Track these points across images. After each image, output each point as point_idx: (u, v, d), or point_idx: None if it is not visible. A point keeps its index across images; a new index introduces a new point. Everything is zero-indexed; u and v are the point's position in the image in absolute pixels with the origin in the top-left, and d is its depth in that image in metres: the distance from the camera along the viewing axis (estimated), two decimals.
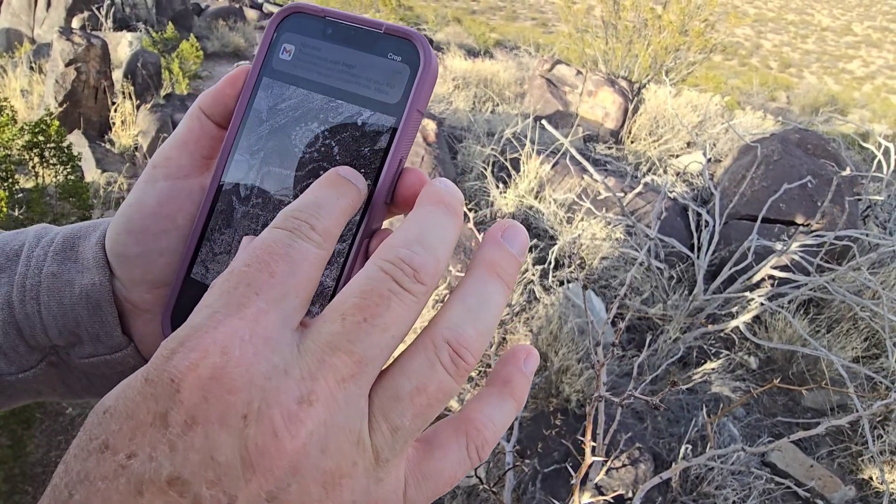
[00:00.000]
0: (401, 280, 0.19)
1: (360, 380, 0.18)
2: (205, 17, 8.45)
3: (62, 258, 0.31)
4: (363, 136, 0.25)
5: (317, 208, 0.21)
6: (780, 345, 1.78)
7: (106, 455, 0.16)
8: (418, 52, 0.24)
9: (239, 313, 0.18)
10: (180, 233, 0.28)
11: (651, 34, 5.86)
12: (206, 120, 0.28)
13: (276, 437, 0.16)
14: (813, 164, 2.83)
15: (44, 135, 2.71)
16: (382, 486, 0.19)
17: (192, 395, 0.16)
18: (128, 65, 4.96)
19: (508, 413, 0.22)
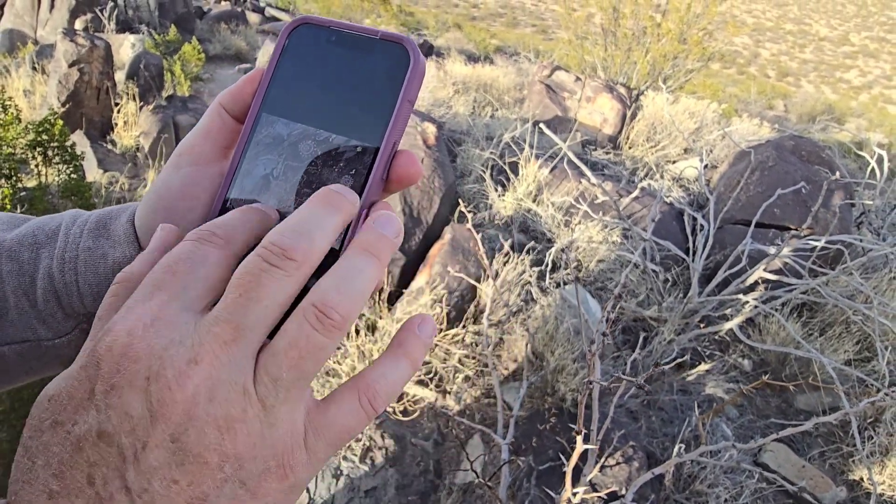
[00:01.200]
0: (269, 259, 0.23)
1: (241, 342, 0.22)
2: (207, 20, 8.50)
3: (96, 234, 0.34)
4: (362, 123, 0.29)
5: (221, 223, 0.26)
6: (772, 346, 1.81)
7: (57, 429, 0.20)
8: (408, 54, 0.28)
9: (145, 304, 0.22)
10: (201, 212, 0.31)
11: (650, 42, 5.92)
12: (225, 115, 0.32)
13: (170, 391, 0.20)
14: (807, 170, 2.87)
15: (48, 134, 2.74)
16: (276, 429, 0.22)
17: (109, 369, 0.21)
18: (131, 66, 5.00)
19: (403, 370, 0.25)
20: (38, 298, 0.34)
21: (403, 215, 2.47)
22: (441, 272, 2.17)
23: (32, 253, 0.34)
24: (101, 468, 0.20)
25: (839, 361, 2.11)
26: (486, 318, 1.88)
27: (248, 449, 0.21)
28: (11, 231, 0.36)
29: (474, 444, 1.83)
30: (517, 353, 2.07)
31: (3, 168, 2.47)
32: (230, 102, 0.32)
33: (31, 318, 0.34)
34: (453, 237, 2.35)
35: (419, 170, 0.30)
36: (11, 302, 0.34)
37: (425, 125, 2.83)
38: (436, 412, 1.90)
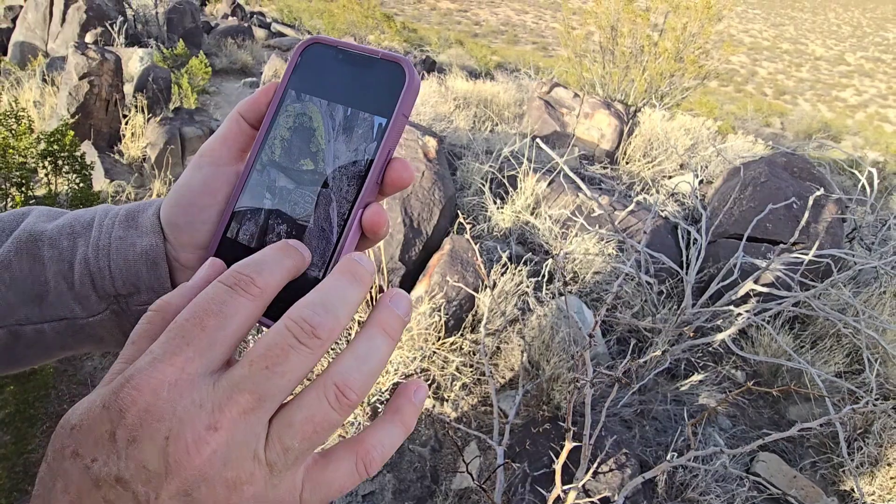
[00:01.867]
0: (299, 336, 0.24)
1: (259, 412, 0.23)
2: (214, 34, 8.68)
3: (126, 226, 0.39)
4: (363, 131, 0.33)
5: (259, 265, 0.27)
6: (764, 358, 1.85)
7: (76, 460, 0.22)
8: (405, 72, 0.33)
9: (171, 360, 0.23)
10: (219, 206, 0.36)
11: (647, 60, 6.06)
12: (242, 122, 0.37)
13: (188, 454, 0.22)
14: (799, 186, 2.94)
15: (58, 144, 2.82)
16: (277, 490, 0.24)
17: (132, 421, 0.22)
18: (139, 79, 5.11)
19: (396, 436, 0.27)
20: (75, 281, 0.38)
21: (404, 226, 2.53)
22: (440, 282, 2.22)
23: (70, 241, 0.39)
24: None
25: (830, 373, 2.15)
26: (483, 327, 1.92)
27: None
28: (52, 222, 0.41)
29: (470, 450, 1.85)
30: (514, 363, 2.11)
31: (15, 177, 2.53)
32: (247, 111, 0.36)
33: (68, 298, 0.38)
34: (452, 248, 2.41)
35: (411, 175, 0.34)
36: (52, 284, 0.38)
37: (426, 139, 2.90)
38: (433, 419, 1.93)
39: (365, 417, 1.80)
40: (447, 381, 2.04)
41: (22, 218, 0.41)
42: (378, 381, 1.84)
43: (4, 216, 0.41)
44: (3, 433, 1.96)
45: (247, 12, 12.24)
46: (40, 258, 0.38)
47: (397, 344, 0.26)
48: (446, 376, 2.04)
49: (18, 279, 0.38)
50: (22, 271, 0.38)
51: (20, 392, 1.99)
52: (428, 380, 2.01)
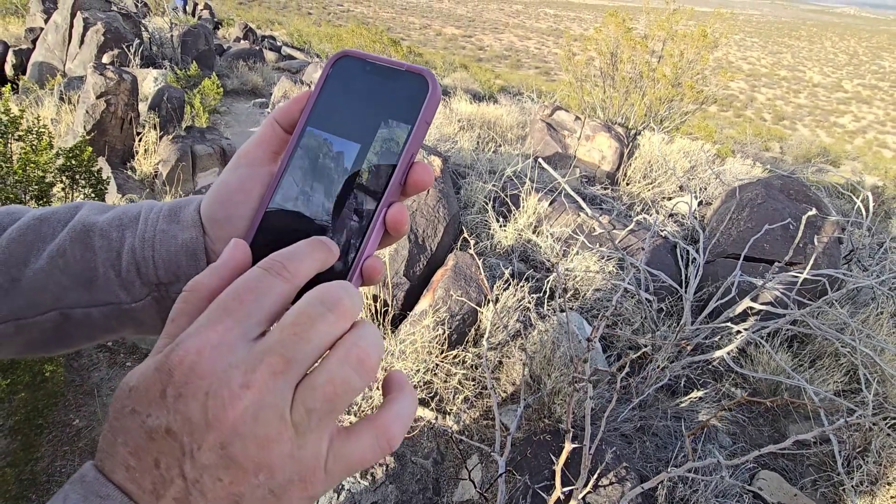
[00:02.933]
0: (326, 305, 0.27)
1: (288, 374, 0.25)
2: (226, 57, 8.93)
3: (169, 220, 0.44)
4: (388, 136, 0.37)
5: (291, 255, 0.30)
6: (763, 375, 1.88)
7: (134, 416, 0.25)
8: (427, 83, 0.37)
9: (213, 328, 0.26)
10: (254, 204, 0.40)
11: (646, 85, 6.22)
12: (277, 127, 0.41)
13: (223, 409, 0.24)
14: (795, 208, 3.00)
15: (77, 159, 2.92)
16: (303, 451, 0.26)
17: (179, 379, 0.25)
18: (153, 98, 5.27)
19: (410, 405, 0.30)
20: (122, 269, 0.42)
21: (409, 242, 2.59)
22: (444, 296, 2.27)
23: (119, 232, 0.43)
24: (167, 456, 0.24)
25: (829, 392, 2.16)
26: (486, 341, 1.96)
27: (279, 464, 0.25)
28: (102, 215, 0.45)
29: (472, 463, 1.87)
30: (515, 377, 2.14)
31: (34, 190, 2.62)
32: (282, 117, 0.39)
33: (115, 285, 0.42)
34: (456, 264, 2.46)
35: (431, 178, 0.37)
36: (101, 271, 0.42)
37: (432, 158, 2.99)
38: (436, 432, 1.96)
39: None
40: (450, 393, 2.07)
41: (76, 211, 0.46)
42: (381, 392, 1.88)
43: (60, 209, 0.47)
44: (11, 440, 1.99)
45: (258, 36, 12.61)
46: (92, 247, 0.43)
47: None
48: (449, 389, 2.07)
49: (72, 265, 0.43)
50: (75, 258, 0.43)
51: (31, 400, 2.02)
52: (431, 392, 2.04)
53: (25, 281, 0.43)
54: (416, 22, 50.78)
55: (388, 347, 2.03)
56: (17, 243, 0.44)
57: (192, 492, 0.24)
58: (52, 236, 0.44)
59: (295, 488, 0.26)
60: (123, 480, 0.24)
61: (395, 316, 2.38)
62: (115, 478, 0.25)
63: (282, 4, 45.54)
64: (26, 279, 0.43)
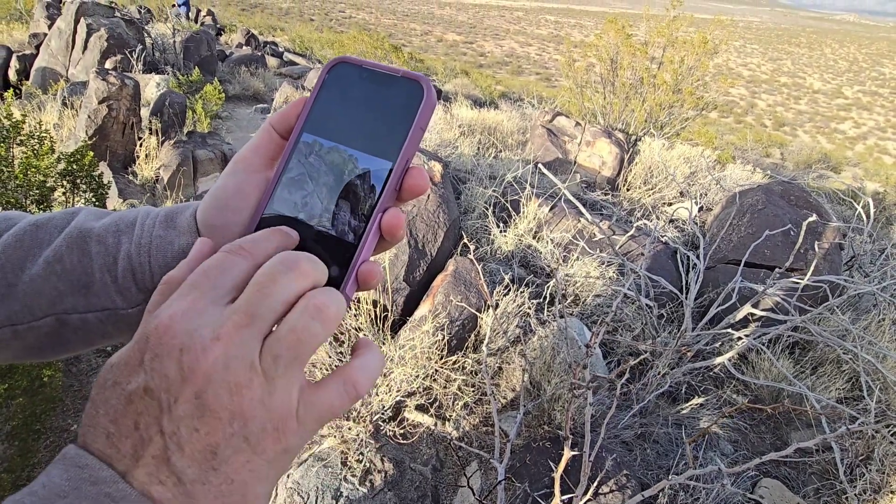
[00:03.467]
0: (286, 265, 0.30)
1: (252, 327, 0.27)
2: (228, 62, 8.98)
3: (166, 226, 0.44)
4: (384, 141, 0.37)
5: (250, 239, 0.33)
6: (764, 382, 1.87)
7: (115, 387, 0.26)
8: (423, 89, 0.37)
9: (183, 299, 0.28)
10: (250, 209, 0.40)
11: (646, 91, 6.25)
12: (273, 133, 0.41)
13: (196, 360, 0.26)
14: (795, 213, 3.00)
15: (78, 164, 2.92)
16: (273, 397, 0.27)
17: (154, 343, 0.27)
18: (155, 104, 5.29)
19: (376, 359, 0.32)
20: (118, 275, 0.43)
21: (409, 247, 2.59)
22: (444, 302, 2.27)
23: (115, 238, 0.44)
24: (145, 416, 0.25)
25: (831, 399, 2.15)
26: (485, 347, 1.96)
27: (251, 410, 0.26)
28: (99, 221, 0.45)
29: (471, 470, 1.86)
30: (515, 383, 2.13)
31: (34, 195, 2.63)
32: (278, 122, 0.40)
33: (111, 290, 0.43)
34: (456, 269, 2.46)
35: (427, 183, 0.38)
36: (97, 277, 0.43)
37: (432, 164, 3.00)
38: (435, 438, 1.94)
39: (367, 434, 1.81)
40: (449, 399, 2.06)
41: (72, 216, 0.46)
42: (381, 398, 1.87)
43: (56, 214, 0.47)
44: (8, 446, 1.98)
45: (260, 42, 12.69)
46: (88, 253, 0.43)
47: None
48: (448, 395, 2.06)
49: (69, 271, 0.43)
50: (72, 264, 0.43)
51: (28, 405, 2.01)
52: (430, 398, 2.03)
53: (22, 286, 0.43)
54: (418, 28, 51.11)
55: (387, 353, 2.03)
56: (14, 249, 0.44)
57: (169, 446, 0.25)
58: (49, 242, 0.44)
59: (269, 438, 0.27)
60: (103, 448, 0.25)
61: (394, 321, 2.37)
62: (95, 447, 0.26)
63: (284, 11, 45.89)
64: (23, 284, 0.43)
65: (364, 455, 1.76)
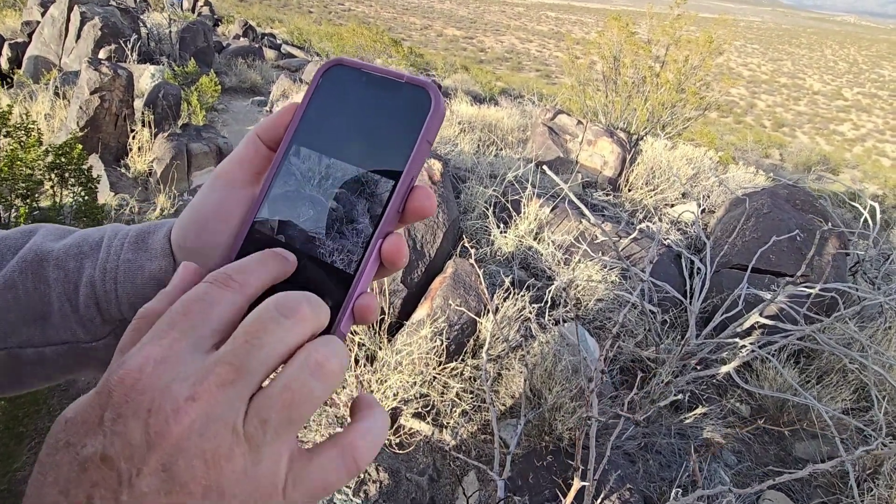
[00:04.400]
0: (281, 311, 0.25)
1: (238, 385, 0.23)
2: (225, 54, 8.86)
3: (135, 248, 0.38)
4: (385, 158, 0.32)
5: (240, 268, 0.28)
6: (769, 392, 1.82)
7: (68, 449, 0.22)
8: (430, 97, 0.32)
9: (157, 342, 0.24)
10: (232, 231, 0.34)
11: (649, 90, 6.18)
12: (260, 144, 0.35)
13: (167, 423, 0.22)
14: (801, 218, 2.94)
15: (66, 157, 2.84)
16: (258, 468, 0.23)
17: (118, 399, 0.22)
18: (149, 95, 5.19)
19: (382, 422, 0.27)
20: (80, 304, 0.37)
21: (407, 248, 2.52)
22: (442, 305, 2.20)
23: (77, 262, 0.38)
24: (101, 489, 0.21)
25: (837, 410, 2.10)
26: (485, 353, 1.89)
27: (231, 484, 0.22)
28: (59, 241, 0.39)
29: (469, 480, 1.80)
30: (515, 390, 2.07)
31: (20, 188, 2.54)
32: (265, 132, 0.35)
33: (72, 322, 0.37)
34: (455, 271, 2.39)
35: (433, 204, 0.33)
36: (56, 306, 0.37)
37: (431, 162, 2.93)
38: (432, 447, 1.89)
39: None
40: (447, 407, 2.00)
41: (29, 236, 0.40)
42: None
43: (11, 233, 0.40)
44: None
45: (258, 33, 12.54)
46: (45, 279, 0.37)
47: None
48: (446, 402, 2.00)
49: (22, 300, 0.37)
50: (26, 292, 0.37)
51: (10, 408, 1.94)
52: (427, 405, 1.97)
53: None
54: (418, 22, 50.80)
55: (383, 358, 1.96)
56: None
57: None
58: (0, 266, 0.38)
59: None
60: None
61: (391, 324, 2.31)
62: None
63: (282, 2, 45.46)
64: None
65: None
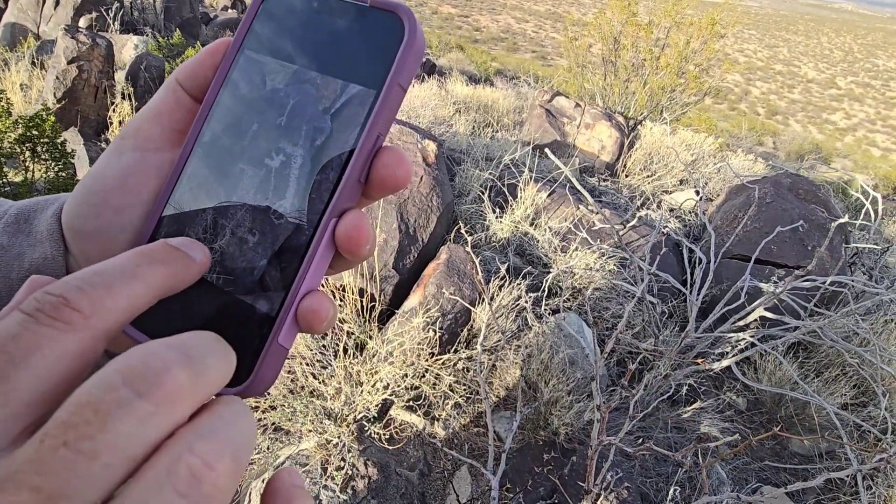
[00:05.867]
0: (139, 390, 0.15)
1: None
2: (212, 26, 8.53)
3: (14, 231, 0.29)
4: (340, 109, 0.24)
5: (91, 280, 0.17)
6: (769, 387, 1.77)
7: None
8: (403, 26, 0.23)
9: None
10: (144, 208, 0.26)
11: (648, 74, 6.05)
12: (181, 92, 0.27)
13: None
14: (804, 208, 2.89)
15: (38, 129, 2.67)
16: None
17: None
18: (131, 67, 4.96)
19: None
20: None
21: (399, 232, 2.42)
22: (435, 293, 2.12)
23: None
24: None
25: (835, 405, 2.07)
26: (480, 344, 1.82)
27: None
28: None
29: (461, 475, 1.75)
30: (509, 381, 2.01)
31: None
32: (188, 78, 0.26)
33: None
34: (449, 258, 2.30)
35: (407, 172, 0.24)
36: None
37: (426, 142, 2.81)
38: (422, 440, 1.82)
39: (351, 438, 1.68)
40: (439, 399, 1.93)
41: None
42: (367, 399, 1.73)
43: None
44: None
45: (246, 5, 12.11)
46: None
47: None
48: (438, 394, 1.93)
49: None
50: None
51: None
52: (419, 398, 1.90)
53: None
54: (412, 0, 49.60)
55: (374, 349, 1.88)
56: None
57: None
58: None
59: None
60: None
61: (382, 311, 2.23)
62: None
63: None
64: None
65: (346, 461, 1.63)
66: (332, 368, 1.82)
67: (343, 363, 1.81)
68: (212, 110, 0.25)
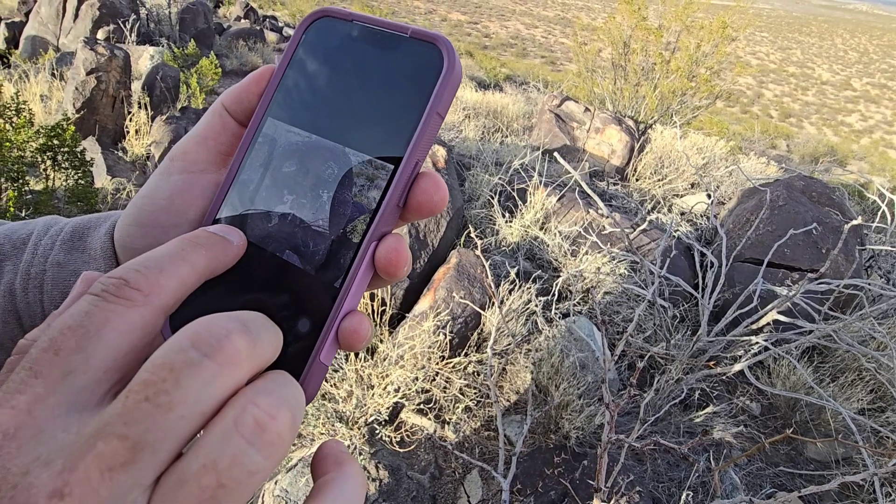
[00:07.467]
0: (204, 348, 0.17)
1: (133, 468, 0.16)
2: (226, 36, 8.70)
3: (69, 247, 0.30)
4: (380, 136, 0.25)
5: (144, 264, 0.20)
6: (783, 392, 1.75)
7: None
8: (442, 57, 0.24)
9: (12, 402, 0.16)
10: (191, 227, 0.27)
11: (658, 77, 6.02)
12: (227, 117, 0.28)
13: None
14: (818, 211, 2.85)
15: (59, 139, 2.75)
16: None
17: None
18: (148, 77, 5.08)
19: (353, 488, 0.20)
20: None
21: (409, 237, 2.44)
22: (446, 297, 2.13)
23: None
24: None
25: (852, 410, 2.04)
26: (490, 348, 1.83)
27: None
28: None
29: (472, 479, 1.75)
30: (520, 385, 2.01)
31: (10, 171, 2.46)
32: (233, 102, 0.28)
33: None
34: (459, 262, 2.32)
35: (444, 197, 0.25)
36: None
37: (436, 148, 2.83)
38: (433, 444, 1.83)
39: (362, 441, 1.70)
40: (449, 403, 1.94)
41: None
42: (378, 402, 1.74)
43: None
44: None
45: (259, 16, 12.32)
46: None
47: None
48: (448, 398, 1.94)
49: None
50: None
51: None
52: (429, 401, 1.91)
53: None
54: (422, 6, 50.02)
55: (385, 352, 1.90)
56: None
57: None
58: None
59: None
60: None
61: (393, 315, 2.24)
62: None
63: None
64: None
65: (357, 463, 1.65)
66: (343, 372, 1.84)
67: (354, 366, 1.83)
68: (256, 135, 0.26)
